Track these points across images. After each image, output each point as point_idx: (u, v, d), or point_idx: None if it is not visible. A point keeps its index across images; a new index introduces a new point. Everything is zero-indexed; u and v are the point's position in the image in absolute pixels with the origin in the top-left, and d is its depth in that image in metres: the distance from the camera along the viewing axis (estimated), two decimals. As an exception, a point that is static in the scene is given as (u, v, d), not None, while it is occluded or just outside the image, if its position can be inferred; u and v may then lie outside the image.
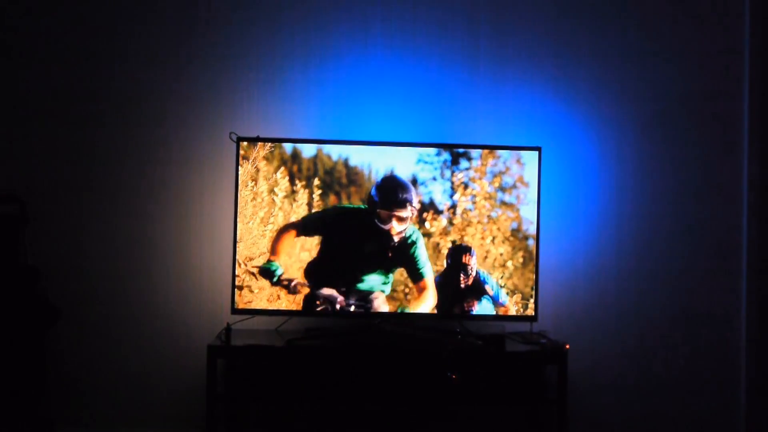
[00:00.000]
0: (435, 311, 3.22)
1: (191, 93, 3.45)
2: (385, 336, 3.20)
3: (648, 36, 3.52)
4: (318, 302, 3.23)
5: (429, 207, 3.24)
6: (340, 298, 3.23)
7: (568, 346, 3.11)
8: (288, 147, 3.24)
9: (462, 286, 3.25)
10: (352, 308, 3.22)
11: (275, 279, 3.22)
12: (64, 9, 3.45)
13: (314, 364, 3.09)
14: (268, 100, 3.46)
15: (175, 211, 3.44)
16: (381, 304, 3.24)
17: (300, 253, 3.23)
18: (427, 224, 3.24)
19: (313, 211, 3.25)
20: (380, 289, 3.24)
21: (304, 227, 3.24)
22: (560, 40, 3.50)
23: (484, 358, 3.10)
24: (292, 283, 3.23)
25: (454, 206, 3.25)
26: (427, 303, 3.24)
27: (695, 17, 3.52)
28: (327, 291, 3.23)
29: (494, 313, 3.25)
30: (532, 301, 3.24)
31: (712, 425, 3.50)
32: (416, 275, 3.26)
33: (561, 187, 3.45)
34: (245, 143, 3.22)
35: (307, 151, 3.24)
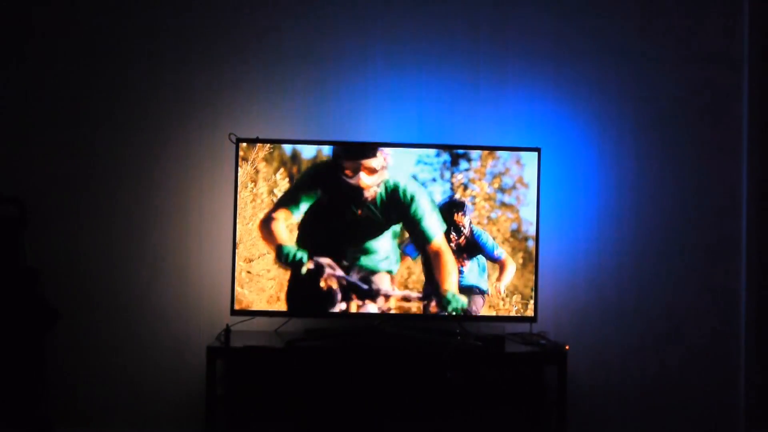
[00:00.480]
0: (435, 310, 3.22)
1: (190, 94, 3.45)
2: (384, 337, 3.19)
3: (647, 37, 3.52)
4: (323, 279, 2.99)
5: (428, 208, 3.24)
6: (339, 272, 2.94)
7: (568, 347, 3.11)
8: (287, 148, 3.23)
9: (452, 245, 3.14)
10: (351, 307, 3.08)
11: (303, 262, 2.98)
12: (64, 10, 3.45)
13: (314, 366, 3.09)
14: (268, 101, 3.46)
15: (175, 213, 3.44)
16: (387, 288, 3.09)
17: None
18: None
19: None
20: (386, 269, 3.09)
21: (289, 201, 3.09)
22: (560, 42, 3.50)
23: (484, 359, 3.10)
24: (326, 269, 2.95)
25: (453, 207, 3.25)
26: (448, 269, 3.03)
27: (694, 18, 3.52)
28: (328, 264, 3.01)
29: (488, 270, 3.21)
30: (531, 301, 3.23)
31: (712, 425, 3.50)
32: (422, 236, 2.96)
33: (560, 188, 3.45)
34: (244, 144, 3.22)
35: (307, 152, 3.23)
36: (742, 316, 3.49)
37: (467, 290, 3.20)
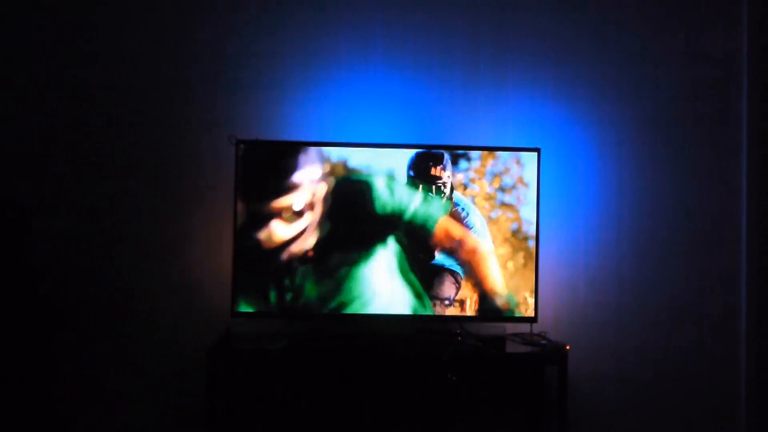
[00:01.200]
0: (436, 307, 3.22)
1: (190, 95, 3.45)
2: (385, 338, 3.19)
3: (646, 37, 3.52)
4: None
5: (428, 208, 3.23)
6: None
7: (568, 347, 3.11)
8: (287, 149, 3.23)
9: None
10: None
11: None
12: (63, 10, 3.45)
13: (314, 367, 3.09)
14: (267, 102, 3.46)
15: (175, 214, 3.43)
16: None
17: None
18: (426, 226, 3.22)
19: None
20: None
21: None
22: (559, 42, 3.50)
23: (484, 359, 3.09)
24: None
25: (453, 207, 3.23)
26: (485, 262, 2.92)
27: (694, 17, 3.52)
28: None
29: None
30: (532, 302, 3.23)
31: (712, 425, 3.50)
32: (420, 231, 2.76)
33: (560, 188, 3.45)
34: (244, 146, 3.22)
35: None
36: (742, 316, 3.50)
37: (435, 270, 3.14)
